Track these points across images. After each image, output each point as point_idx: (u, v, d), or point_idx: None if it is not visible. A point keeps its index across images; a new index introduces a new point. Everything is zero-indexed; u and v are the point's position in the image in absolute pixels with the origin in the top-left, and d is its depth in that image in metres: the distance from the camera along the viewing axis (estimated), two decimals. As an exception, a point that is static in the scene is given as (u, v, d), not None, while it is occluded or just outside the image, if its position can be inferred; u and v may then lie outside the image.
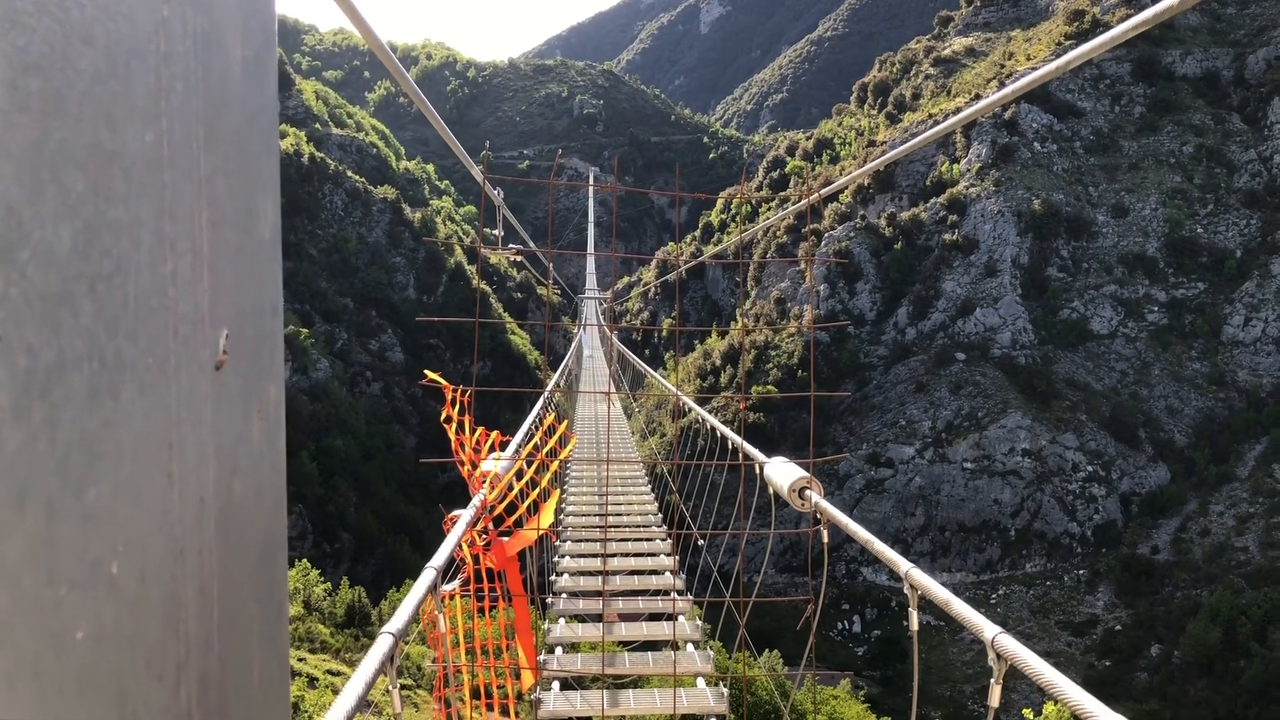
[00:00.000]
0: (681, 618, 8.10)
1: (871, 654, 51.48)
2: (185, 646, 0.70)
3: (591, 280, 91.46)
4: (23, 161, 0.48)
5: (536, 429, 5.84)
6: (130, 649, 0.62)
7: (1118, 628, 50.86)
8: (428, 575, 3.31)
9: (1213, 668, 44.99)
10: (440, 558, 3.48)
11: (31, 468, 0.51)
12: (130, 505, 0.61)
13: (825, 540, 4.57)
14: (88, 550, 0.56)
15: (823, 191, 6.79)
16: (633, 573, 9.27)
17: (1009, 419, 60.24)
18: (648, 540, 10.52)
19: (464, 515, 4.38)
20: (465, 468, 4.72)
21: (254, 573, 0.82)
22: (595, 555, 9.86)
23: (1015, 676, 2.52)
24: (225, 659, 0.76)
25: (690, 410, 10.38)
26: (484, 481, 4.75)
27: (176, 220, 0.65)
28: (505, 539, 4.80)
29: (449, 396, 4.68)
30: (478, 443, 4.76)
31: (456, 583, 4.53)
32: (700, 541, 8.93)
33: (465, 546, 4.65)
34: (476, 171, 5.37)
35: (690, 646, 7.72)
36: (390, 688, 2.61)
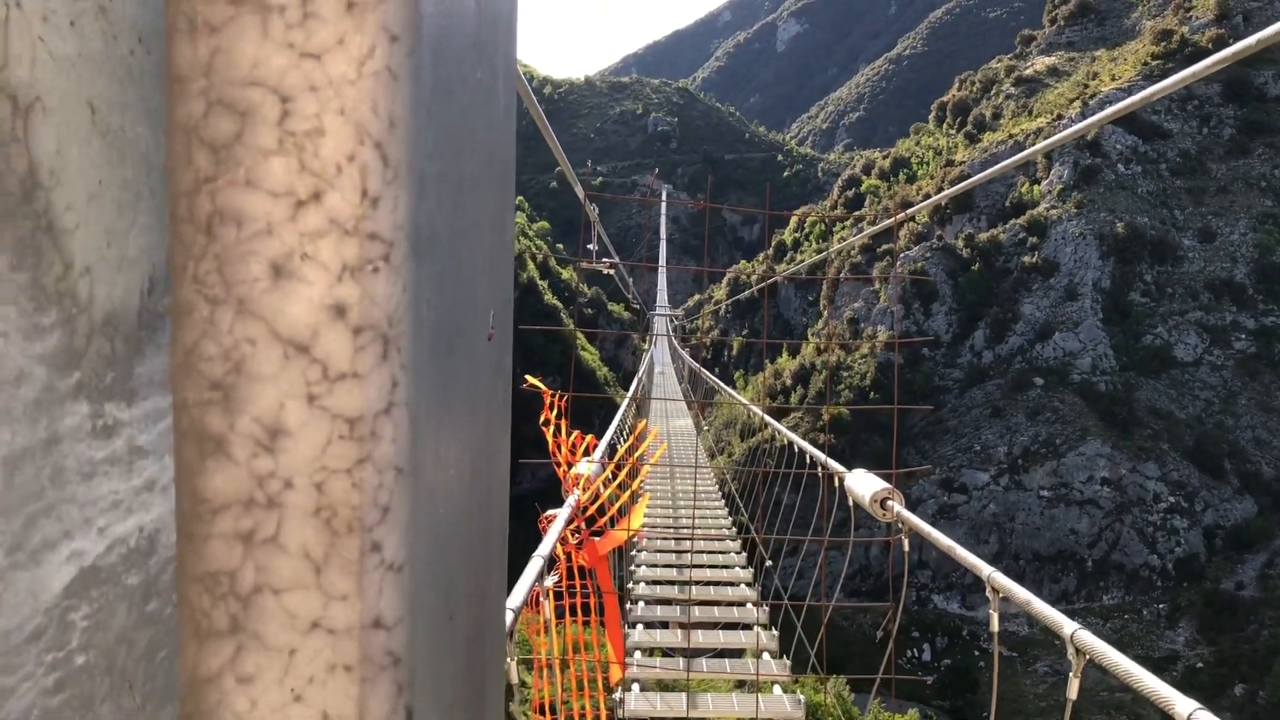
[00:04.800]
0: (756, 627, 8.26)
1: (941, 683, 50.58)
2: None
3: (663, 296, 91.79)
4: (437, 198, 0.66)
5: (626, 435, 6.09)
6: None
7: (1199, 665, 49.23)
8: (535, 564, 3.56)
9: (1301, 710, 43.37)
10: (545, 547, 3.73)
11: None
12: None
13: (906, 549, 4.73)
14: None
15: (908, 212, 6.93)
16: (709, 583, 9.45)
17: (1088, 446, 58.84)
18: (723, 553, 10.69)
19: (560, 514, 4.64)
20: (561, 468, 4.98)
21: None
22: (672, 565, 10.06)
23: (1091, 679, 2.66)
24: None
25: (766, 426, 10.55)
26: (577, 483, 5.00)
27: (480, 228, 0.87)
28: (597, 538, 5.04)
29: (547, 401, 4.95)
30: (574, 445, 5.02)
31: (551, 580, 4.79)
32: (769, 562, 9.10)
33: (558, 545, 4.91)
34: (579, 187, 5.66)
35: (766, 654, 7.87)
36: (510, 660, 2.86)
